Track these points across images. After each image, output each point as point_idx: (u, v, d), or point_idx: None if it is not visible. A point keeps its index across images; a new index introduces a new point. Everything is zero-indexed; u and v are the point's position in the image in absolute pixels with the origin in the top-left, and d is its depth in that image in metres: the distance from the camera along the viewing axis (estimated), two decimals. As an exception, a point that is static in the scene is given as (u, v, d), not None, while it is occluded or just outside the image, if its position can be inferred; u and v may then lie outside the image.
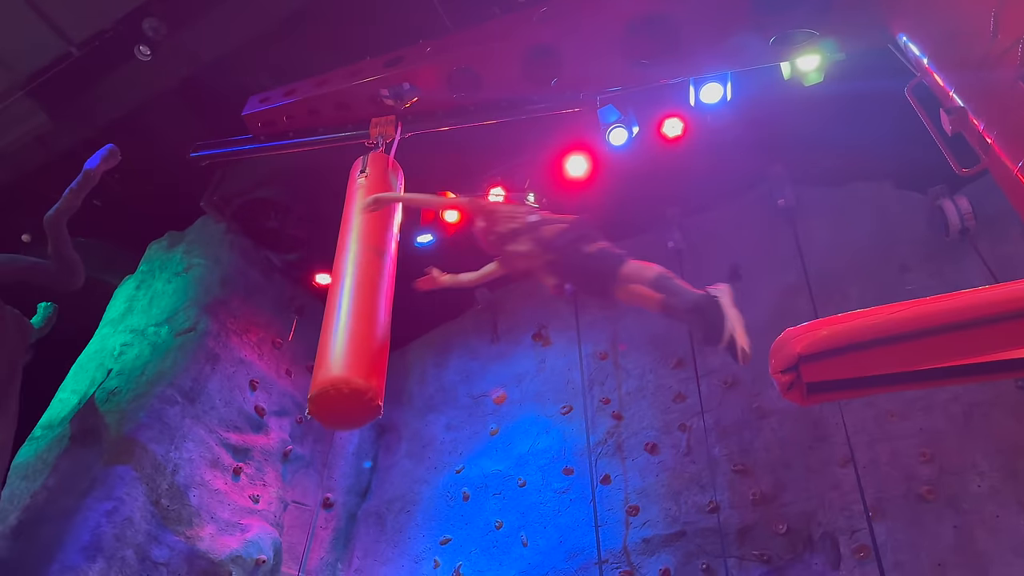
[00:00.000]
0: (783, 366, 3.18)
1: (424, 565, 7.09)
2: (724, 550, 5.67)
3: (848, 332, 3.13)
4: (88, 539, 5.86)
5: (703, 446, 6.29)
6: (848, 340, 3.10)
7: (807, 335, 3.13)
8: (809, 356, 3.10)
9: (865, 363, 3.11)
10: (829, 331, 3.15)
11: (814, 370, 3.11)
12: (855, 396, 3.47)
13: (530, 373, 7.94)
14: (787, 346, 3.18)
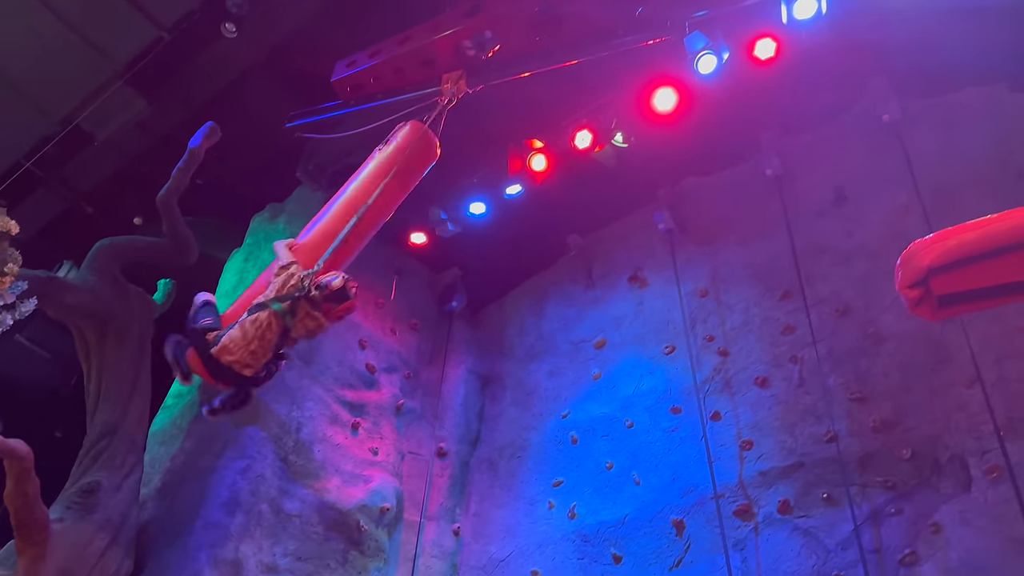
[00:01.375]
0: (911, 280, 3.06)
1: (539, 507, 7.25)
2: (845, 479, 5.57)
3: (979, 239, 2.98)
4: (226, 496, 6.26)
5: (817, 376, 6.15)
6: (980, 248, 2.96)
7: (936, 246, 3.00)
8: (939, 268, 2.98)
9: (999, 271, 2.97)
10: (958, 240, 3.01)
11: (945, 282, 2.99)
12: (989, 307, 3.31)
13: (629, 316, 7.91)
14: (915, 259, 3.05)
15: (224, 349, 4.53)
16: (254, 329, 4.58)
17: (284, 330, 4.63)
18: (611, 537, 6.56)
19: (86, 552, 5.61)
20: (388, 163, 5.52)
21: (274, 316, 4.61)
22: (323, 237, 5.27)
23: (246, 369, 4.59)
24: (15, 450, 4.95)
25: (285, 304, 4.63)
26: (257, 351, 4.58)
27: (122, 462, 6.17)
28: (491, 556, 7.19)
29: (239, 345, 4.54)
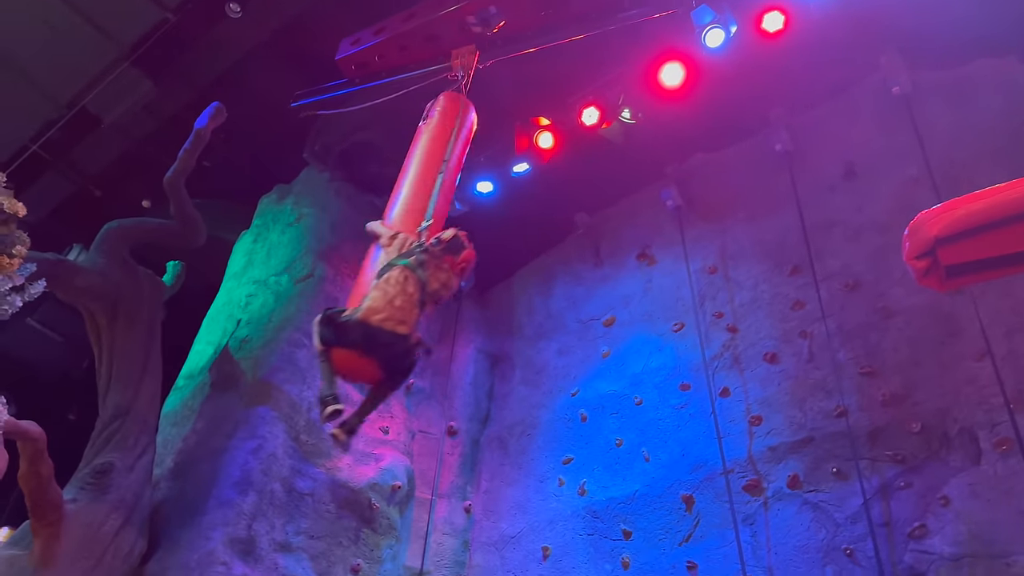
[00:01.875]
0: (919, 251, 3.04)
1: (549, 484, 7.29)
2: (855, 453, 5.56)
3: (987, 209, 2.95)
4: (239, 475, 6.31)
5: (827, 351, 6.13)
6: (988, 217, 2.92)
7: (943, 216, 2.97)
8: (947, 238, 2.95)
9: (1007, 240, 2.94)
10: (966, 210, 2.97)
11: (952, 252, 2.96)
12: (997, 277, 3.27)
13: (637, 294, 7.90)
14: (922, 229, 3.02)
15: (370, 311, 4.16)
16: (392, 287, 4.25)
17: (421, 285, 4.29)
18: (621, 513, 6.59)
19: (100, 532, 5.69)
20: (444, 128, 5.40)
21: (407, 271, 4.30)
22: (414, 203, 5.03)
23: (400, 326, 4.17)
24: (28, 432, 5.00)
25: (411, 259, 4.35)
26: (404, 306, 4.22)
27: (134, 443, 6.24)
28: (502, 532, 7.24)
29: (382, 303, 4.17)
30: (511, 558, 7.00)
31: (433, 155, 5.26)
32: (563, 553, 6.73)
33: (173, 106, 8.20)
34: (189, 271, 7.93)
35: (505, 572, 6.93)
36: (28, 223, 4.53)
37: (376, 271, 4.42)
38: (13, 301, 4.20)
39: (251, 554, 6.01)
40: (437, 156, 5.25)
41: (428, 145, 5.34)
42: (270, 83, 7.79)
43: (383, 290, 4.20)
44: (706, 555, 5.90)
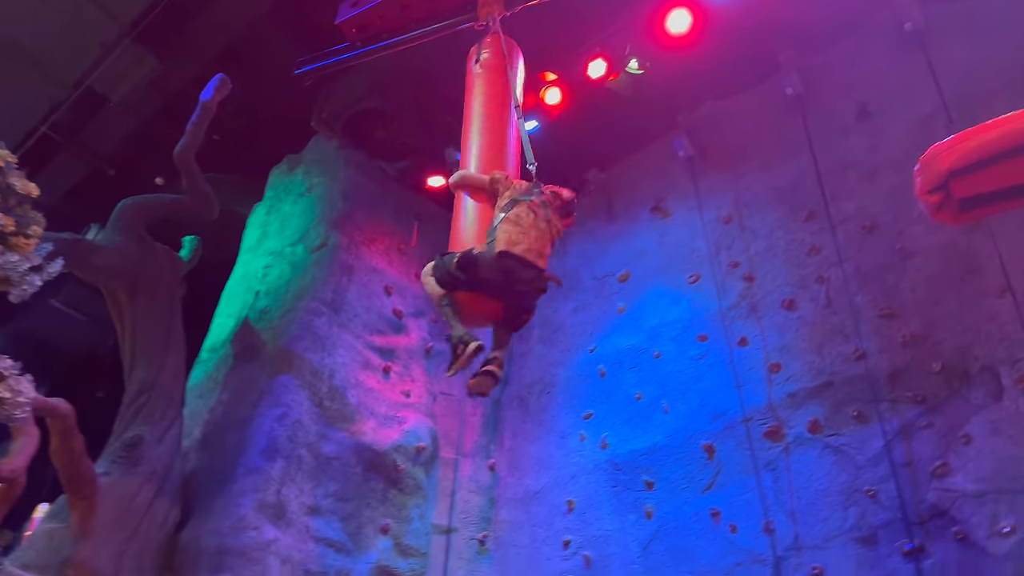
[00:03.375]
0: (932, 185, 2.99)
1: (571, 439, 7.35)
2: (875, 395, 5.55)
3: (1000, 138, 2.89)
4: (265, 443, 6.43)
5: (844, 295, 6.09)
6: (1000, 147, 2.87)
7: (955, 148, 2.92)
8: (959, 170, 2.90)
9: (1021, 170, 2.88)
10: (978, 140, 2.92)
11: (966, 184, 2.92)
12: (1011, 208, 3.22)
13: (652, 247, 7.86)
14: (935, 163, 2.97)
15: (510, 243, 3.97)
16: (526, 220, 4.07)
17: (549, 222, 4.13)
18: (643, 464, 6.64)
19: (134, 503, 5.84)
20: (500, 68, 5.22)
21: (536, 207, 4.13)
22: (494, 149, 4.83)
23: (540, 259, 4.02)
24: (56, 408, 5.12)
25: (533, 197, 4.16)
26: (541, 238, 4.07)
27: (162, 416, 6.36)
28: (527, 488, 7.34)
29: (519, 236, 4.00)
30: (537, 512, 7.10)
31: (498, 96, 5.05)
32: (587, 505, 6.82)
33: (179, 81, 8.18)
34: (205, 245, 7.98)
35: (531, 526, 7.04)
36: (43, 205, 4.57)
37: (497, 210, 4.17)
38: (32, 281, 4.25)
39: (282, 518, 6.15)
40: (504, 96, 5.04)
41: (489, 88, 5.10)
42: (274, 52, 7.74)
43: (516, 223, 4.03)
44: (729, 502, 5.96)
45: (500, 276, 3.96)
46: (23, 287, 4.22)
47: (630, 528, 6.43)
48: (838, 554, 5.27)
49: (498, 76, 5.17)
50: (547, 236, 4.09)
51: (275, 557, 5.93)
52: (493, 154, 4.74)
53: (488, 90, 5.09)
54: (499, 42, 5.25)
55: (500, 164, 4.64)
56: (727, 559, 5.75)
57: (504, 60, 5.12)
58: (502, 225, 4.06)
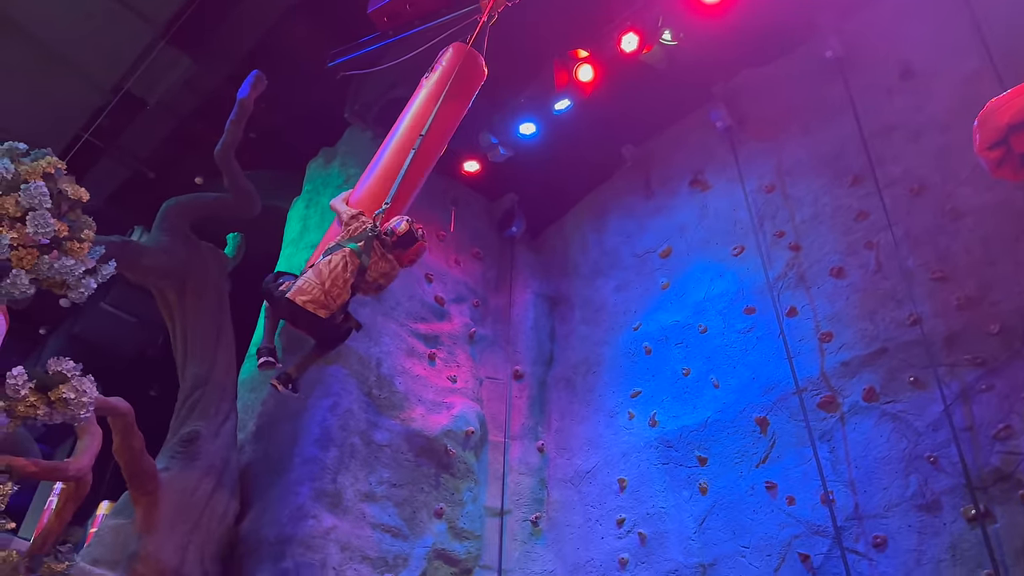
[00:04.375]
0: (991, 140, 2.92)
1: (619, 418, 7.33)
2: (932, 360, 5.43)
3: (1064, 89, 2.78)
4: (318, 432, 6.52)
5: (895, 260, 5.96)
6: (1065, 98, 2.76)
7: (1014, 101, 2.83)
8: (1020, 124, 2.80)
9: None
10: (1041, 92, 2.81)
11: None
12: (1077, 160, 3.13)
13: (693, 221, 7.77)
14: (993, 118, 2.90)
15: (299, 291, 4.73)
16: (328, 269, 4.76)
17: (361, 270, 4.76)
18: (694, 440, 6.60)
19: (195, 496, 5.96)
20: (436, 90, 5.47)
21: (350, 255, 4.77)
22: (383, 179, 5.37)
23: (321, 310, 4.72)
24: (116, 407, 5.23)
25: (360, 243, 4.77)
26: (331, 290, 4.73)
27: (216, 410, 6.47)
28: (577, 468, 7.34)
29: (313, 285, 4.71)
30: (588, 492, 7.11)
31: (412, 127, 5.45)
32: (639, 483, 6.80)
33: (214, 80, 8.28)
34: (249, 242, 8.08)
35: (584, 506, 7.05)
36: (88, 209, 4.65)
37: (326, 247, 4.91)
38: (88, 283, 4.33)
39: (339, 506, 6.24)
40: (414, 130, 5.44)
41: (414, 114, 5.55)
42: (306, 46, 7.79)
43: (319, 272, 4.70)
44: (784, 474, 5.89)
45: (289, 316, 4.77)
46: (80, 290, 4.30)
47: (685, 504, 6.40)
48: (900, 522, 5.19)
49: (432, 94, 5.38)
50: (345, 287, 4.76)
51: (334, 544, 6.02)
52: (379, 187, 5.08)
53: (415, 111, 5.35)
54: (456, 53, 5.45)
55: (384, 188, 5.26)
56: (785, 532, 5.69)
57: (446, 76, 5.36)
58: (310, 270, 4.83)
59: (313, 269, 4.83)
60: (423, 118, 5.46)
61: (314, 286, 4.70)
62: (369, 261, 4.90)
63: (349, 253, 4.84)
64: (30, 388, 3.99)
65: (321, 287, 4.71)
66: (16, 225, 4.13)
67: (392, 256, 5.01)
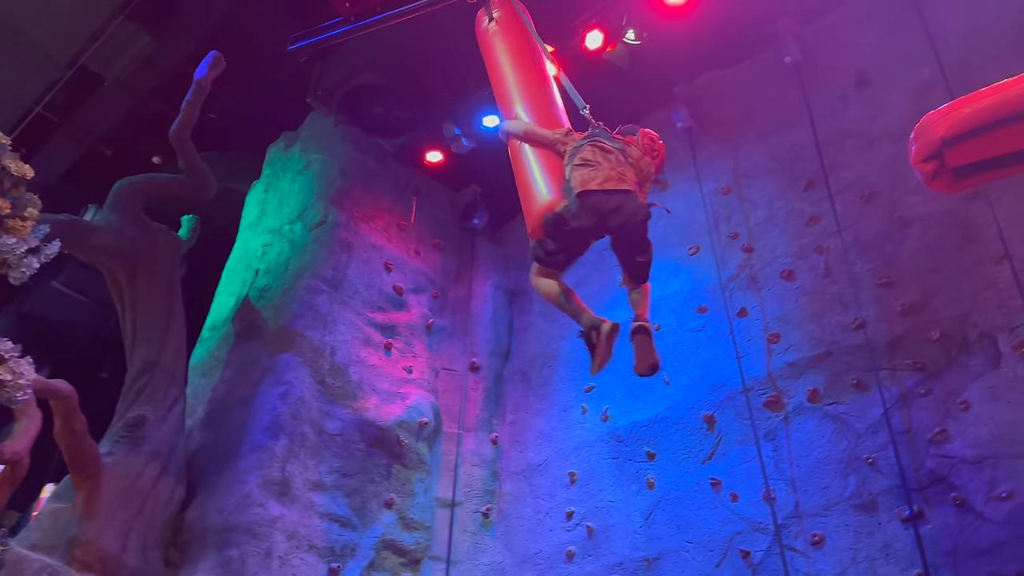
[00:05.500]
0: (926, 153, 2.99)
1: (572, 412, 7.39)
2: (874, 363, 5.57)
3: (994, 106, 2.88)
4: (268, 420, 6.47)
5: (843, 265, 6.08)
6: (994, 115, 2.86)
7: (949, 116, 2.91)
8: (953, 138, 2.89)
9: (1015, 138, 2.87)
10: (972, 108, 2.91)
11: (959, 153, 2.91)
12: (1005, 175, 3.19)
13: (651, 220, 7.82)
14: (928, 131, 2.97)
15: (582, 182, 3.76)
16: (594, 156, 3.93)
17: (622, 154, 4.01)
18: (644, 436, 6.68)
19: (139, 482, 5.88)
20: (519, 23, 5.19)
21: (599, 144, 4.00)
22: (542, 95, 4.83)
23: (623, 183, 3.81)
24: (59, 390, 5.15)
25: (598, 138, 4.07)
26: (619, 166, 3.93)
27: (164, 395, 6.39)
28: (529, 461, 7.39)
29: (592, 171, 3.82)
30: (539, 484, 7.16)
31: (525, 50, 5.03)
32: (590, 477, 6.86)
33: (174, 59, 8.12)
34: (204, 225, 7.98)
35: (535, 498, 7.10)
36: (41, 186, 4.55)
37: (565, 166, 3.98)
38: (30, 263, 4.25)
39: (287, 494, 6.21)
40: (530, 49, 5.03)
41: (512, 44, 5.07)
42: (268, 29, 7.69)
43: (584, 165, 3.81)
44: (729, 471, 6.00)
45: (592, 219, 3.75)
46: (21, 269, 4.22)
47: (632, 499, 6.48)
48: (838, 521, 5.31)
49: (518, 31, 5.15)
50: (625, 165, 3.92)
51: (281, 533, 6.00)
52: (543, 106, 4.75)
53: (512, 46, 5.09)
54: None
55: (553, 116, 4.70)
56: (728, 528, 5.80)
57: (519, 15, 5.13)
58: (572, 173, 3.93)
59: (576, 171, 3.84)
60: (529, 46, 5.12)
61: (595, 173, 3.75)
62: (622, 147, 4.02)
63: (595, 143, 3.95)
64: (-35, 367, 3.92)
65: (601, 171, 3.77)
66: (-45, 202, 4.05)
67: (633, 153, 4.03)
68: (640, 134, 4.37)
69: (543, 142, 4.39)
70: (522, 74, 4.99)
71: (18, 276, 4.24)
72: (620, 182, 3.83)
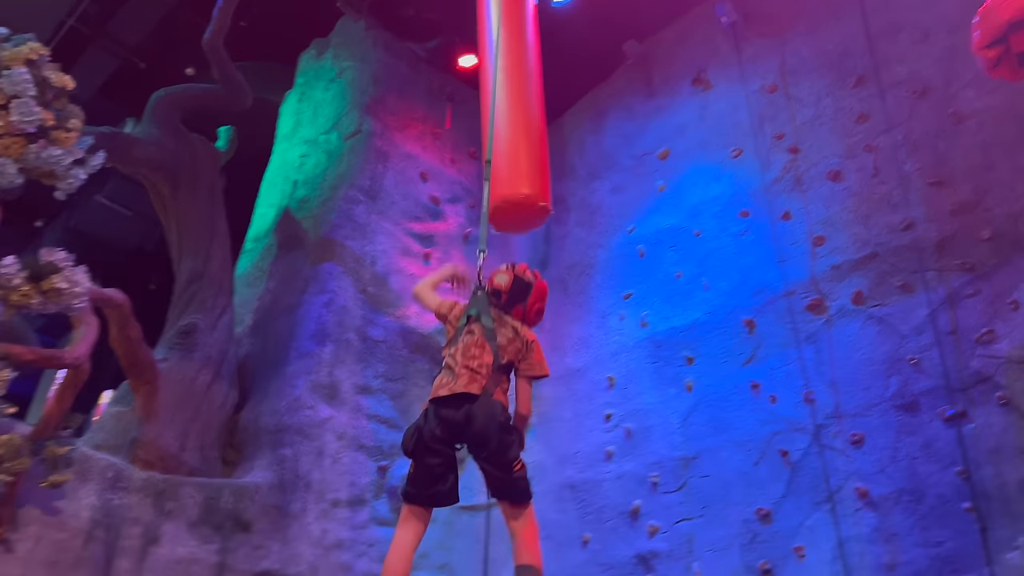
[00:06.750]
0: (990, 38, 2.84)
1: (610, 319, 7.42)
2: (921, 264, 5.46)
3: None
4: (315, 327, 6.63)
5: (892, 164, 5.90)
6: (1069, -7, 2.67)
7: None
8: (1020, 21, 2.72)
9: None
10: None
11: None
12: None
13: (692, 122, 7.64)
14: (993, 14, 2.81)
15: (435, 388, 3.44)
16: (460, 344, 3.51)
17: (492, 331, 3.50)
18: (683, 341, 6.71)
19: (194, 386, 6.11)
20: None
21: (472, 327, 3.53)
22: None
23: (472, 384, 3.34)
24: (112, 298, 5.29)
25: (473, 313, 3.58)
26: (475, 354, 3.44)
27: (213, 304, 6.56)
28: (567, 367, 7.49)
29: (446, 372, 3.47)
30: (578, 388, 7.28)
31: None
32: (628, 381, 6.95)
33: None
34: (242, 137, 7.99)
35: (573, 401, 7.23)
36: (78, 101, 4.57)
37: (448, 345, 3.56)
38: (76, 174, 4.31)
39: (335, 398, 6.41)
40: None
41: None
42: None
43: (447, 363, 3.43)
44: (769, 374, 6.02)
45: (446, 431, 3.25)
46: (68, 181, 4.29)
47: (671, 401, 6.56)
48: (878, 421, 5.33)
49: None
50: (485, 347, 3.40)
51: (331, 433, 6.22)
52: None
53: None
54: None
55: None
56: (766, 428, 5.86)
57: None
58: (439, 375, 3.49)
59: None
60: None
61: (447, 375, 3.39)
62: (499, 316, 3.55)
63: (468, 327, 3.52)
64: (23, 278, 4.04)
65: (454, 368, 3.37)
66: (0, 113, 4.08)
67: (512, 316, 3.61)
68: (529, 302, 3.70)
69: (433, 310, 3.91)
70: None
71: (66, 187, 4.32)
72: (470, 381, 3.30)
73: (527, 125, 4.79)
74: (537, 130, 4.84)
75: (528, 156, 4.67)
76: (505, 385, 3.48)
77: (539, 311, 3.78)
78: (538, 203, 4.64)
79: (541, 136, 4.88)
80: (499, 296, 3.68)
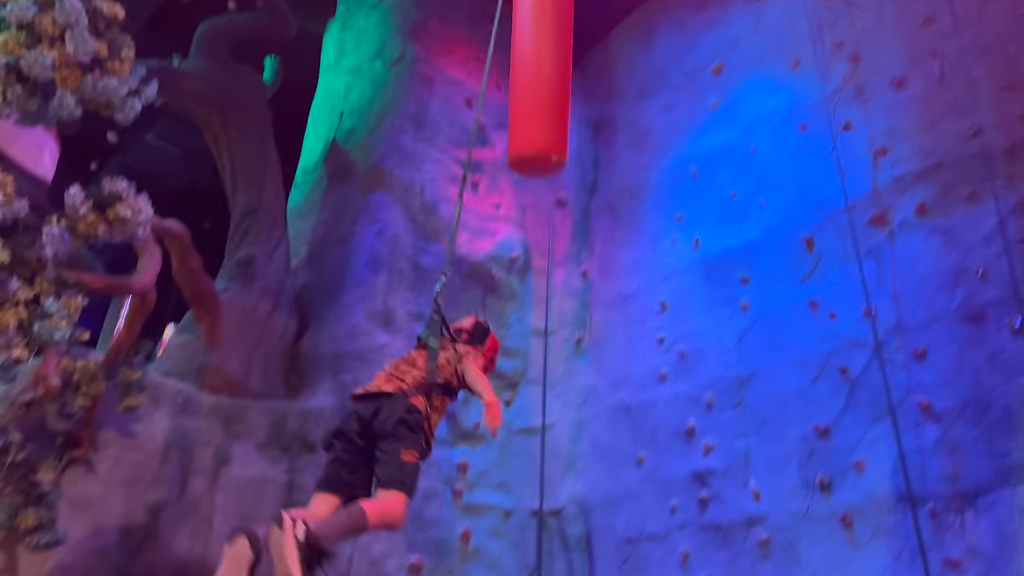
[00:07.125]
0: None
1: (662, 243, 7.34)
2: (990, 173, 5.25)
3: None
4: (368, 256, 6.70)
5: (960, 69, 5.63)
6: None
7: None
8: None
9: None
10: None
11: None
12: None
13: (747, 33, 7.38)
14: None
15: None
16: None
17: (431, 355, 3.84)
18: (737, 262, 6.61)
19: (255, 315, 6.26)
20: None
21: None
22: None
23: (387, 384, 3.65)
24: (171, 229, 5.39)
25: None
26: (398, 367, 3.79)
27: (268, 235, 6.66)
28: (619, 291, 7.47)
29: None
30: (630, 312, 7.26)
31: None
32: (681, 304, 6.91)
33: None
34: (287, 68, 7.96)
35: (626, 325, 7.23)
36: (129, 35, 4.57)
37: None
38: (133, 104, 4.34)
39: (391, 324, 6.51)
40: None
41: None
42: None
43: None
44: (828, 290, 5.91)
45: (359, 427, 3.50)
46: (125, 111, 4.32)
47: (725, 322, 6.51)
48: (942, 334, 5.22)
49: None
50: (416, 364, 3.72)
51: (388, 359, 6.31)
52: None
53: None
54: None
55: None
56: (825, 345, 5.79)
57: None
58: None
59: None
60: None
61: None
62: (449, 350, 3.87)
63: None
64: (88, 207, 4.13)
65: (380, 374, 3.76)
66: (56, 44, 4.11)
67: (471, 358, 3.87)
68: (485, 348, 4.06)
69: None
70: None
71: (123, 118, 4.35)
72: (386, 382, 3.59)
73: (546, 70, 4.74)
74: (558, 74, 4.78)
75: (545, 107, 4.63)
76: (437, 402, 3.69)
77: (492, 359, 4.13)
78: (551, 157, 4.72)
79: (563, 81, 4.80)
80: (460, 334, 4.09)
